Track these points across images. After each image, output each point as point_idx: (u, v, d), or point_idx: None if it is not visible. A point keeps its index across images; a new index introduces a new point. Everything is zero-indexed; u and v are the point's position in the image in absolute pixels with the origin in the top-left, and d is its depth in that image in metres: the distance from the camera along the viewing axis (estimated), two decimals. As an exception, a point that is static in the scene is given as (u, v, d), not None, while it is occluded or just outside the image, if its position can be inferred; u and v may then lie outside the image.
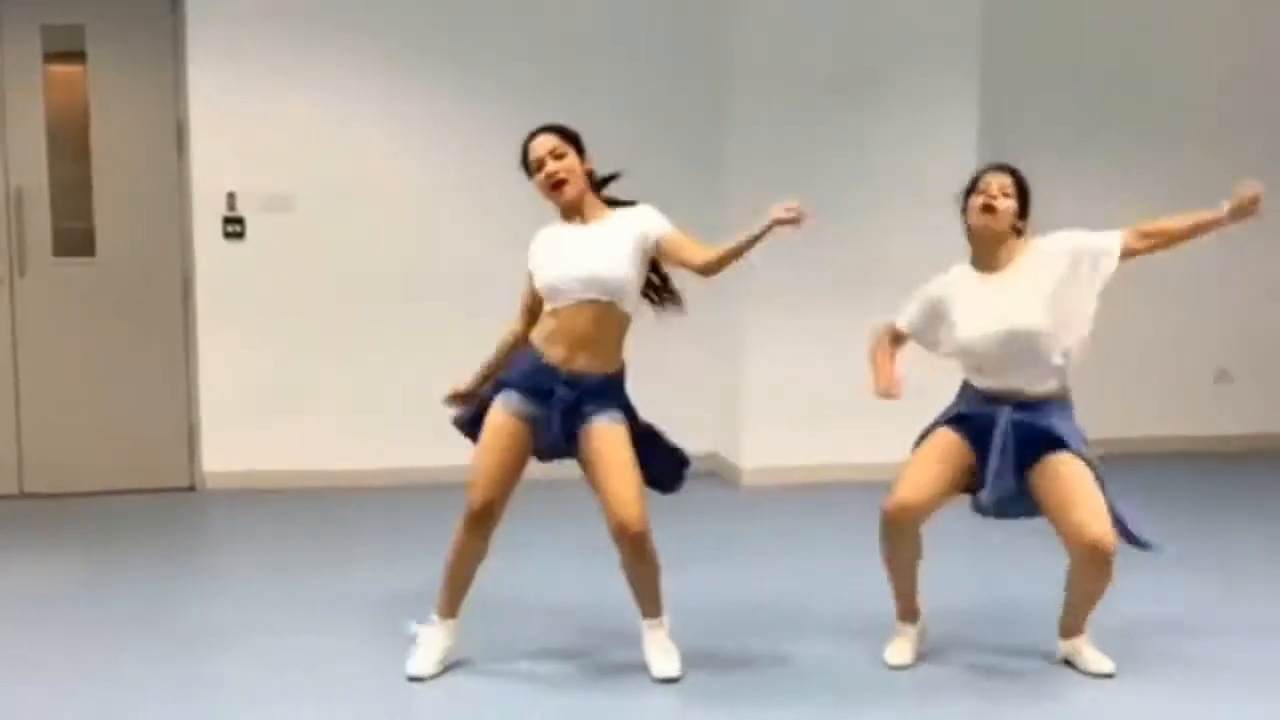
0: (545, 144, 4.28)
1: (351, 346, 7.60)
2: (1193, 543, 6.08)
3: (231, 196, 7.43)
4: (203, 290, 7.48)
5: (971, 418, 4.27)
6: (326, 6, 7.48)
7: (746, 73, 7.48)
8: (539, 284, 4.28)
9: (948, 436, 4.30)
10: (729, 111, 7.61)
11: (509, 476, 4.23)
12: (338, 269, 7.55)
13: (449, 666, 4.35)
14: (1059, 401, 4.22)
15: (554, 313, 4.24)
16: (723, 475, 7.68)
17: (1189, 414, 8.58)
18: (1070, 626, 4.35)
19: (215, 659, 4.65)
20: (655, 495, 4.29)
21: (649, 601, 4.30)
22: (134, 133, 7.39)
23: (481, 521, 4.22)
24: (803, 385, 7.44)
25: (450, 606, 4.36)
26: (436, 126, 7.65)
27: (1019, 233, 4.30)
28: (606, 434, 4.17)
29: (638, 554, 4.17)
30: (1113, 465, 4.22)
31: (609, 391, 4.23)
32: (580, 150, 4.32)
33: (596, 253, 4.20)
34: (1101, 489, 4.09)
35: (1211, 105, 8.52)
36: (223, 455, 7.55)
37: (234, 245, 7.46)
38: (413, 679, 4.27)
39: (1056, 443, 4.12)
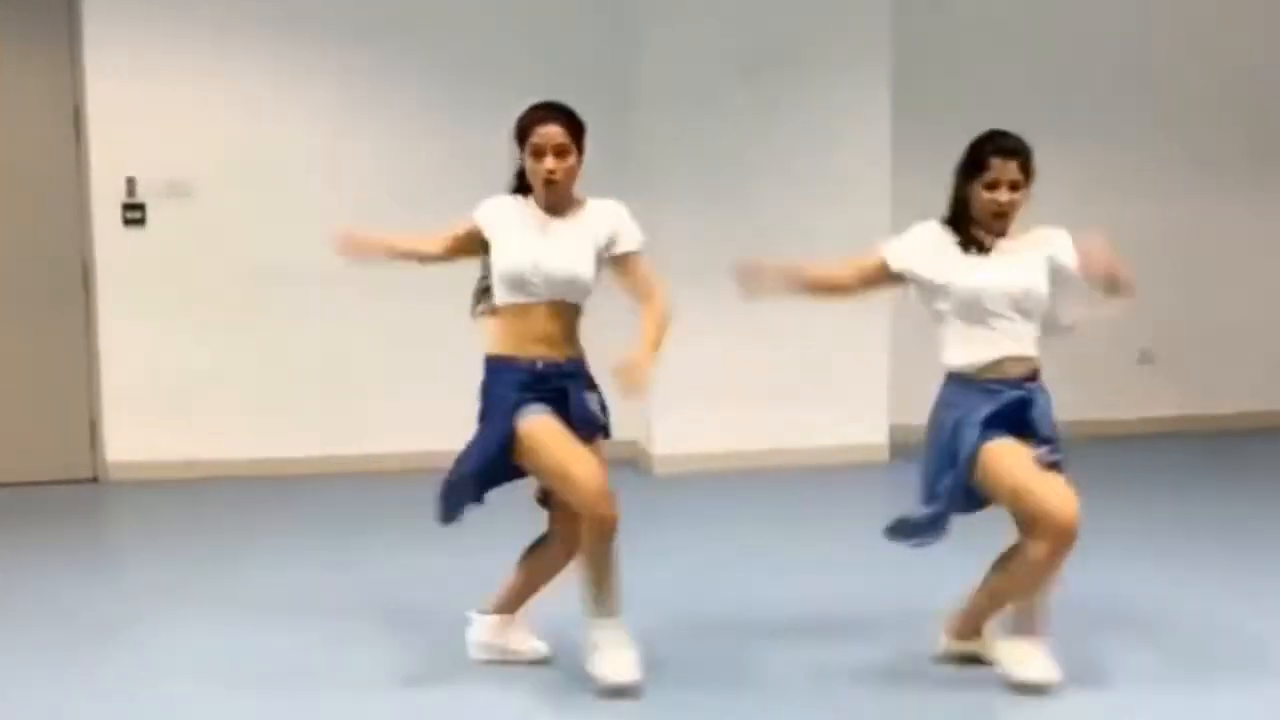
0: (553, 136, 4.03)
1: (256, 333, 7.46)
2: (1120, 523, 6.05)
3: (131, 182, 7.28)
4: (103, 278, 7.32)
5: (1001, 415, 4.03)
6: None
7: (655, 63, 7.39)
8: (500, 267, 4.05)
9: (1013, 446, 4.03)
10: (638, 102, 7.50)
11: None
12: (241, 255, 7.40)
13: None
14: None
15: (517, 311, 4.05)
16: (637, 463, 7.59)
17: (1112, 396, 8.52)
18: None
19: (110, 651, 4.55)
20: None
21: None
22: (30, 118, 7.22)
23: (614, 531, 3.97)
24: (716, 372, 7.37)
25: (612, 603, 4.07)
26: (340, 109, 7.51)
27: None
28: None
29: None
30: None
31: (581, 374, 4.12)
32: (580, 143, 4.11)
33: (572, 253, 4.04)
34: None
35: (1110, 102, 8.44)
36: (126, 445, 7.40)
37: (134, 232, 7.31)
38: (616, 688, 4.00)
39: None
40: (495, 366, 4.09)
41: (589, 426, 4.06)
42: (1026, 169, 4.09)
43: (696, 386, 7.32)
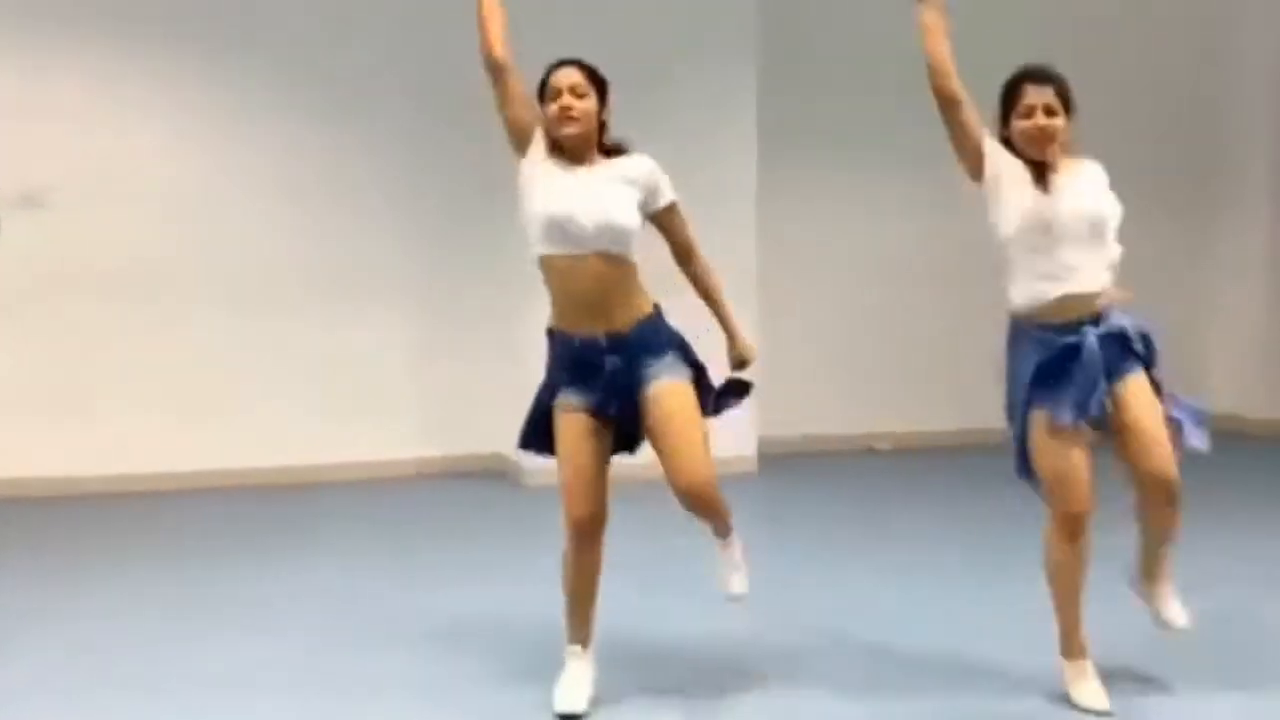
0: (569, 76, 3.95)
1: (116, 345, 7.30)
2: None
3: (-12, 192, 7.09)
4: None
5: (1051, 365, 3.89)
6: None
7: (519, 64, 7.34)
8: (531, 214, 3.91)
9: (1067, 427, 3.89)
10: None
11: (599, 480, 3.93)
12: (98, 266, 7.24)
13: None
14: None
15: (552, 267, 3.89)
16: (506, 475, 7.53)
17: (972, 406, 8.63)
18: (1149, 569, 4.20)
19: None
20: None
21: (722, 526, 4.06)
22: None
23: (587, 535, 3.92)
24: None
25: (581, 632, 4.03)
26: (201, 115, 7.40)
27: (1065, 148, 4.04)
28: (668, 392, 3.88)
29: (710, 510, 3.95)
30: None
31: (656, 337, 3.92)
32: (604, 97, 4.02)
33: (608, 198, 3.86)
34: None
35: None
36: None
37: (-14, 242, 7.11)
38: (564, 717, 3.91)
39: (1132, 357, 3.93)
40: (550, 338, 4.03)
41: (629, 439, 4.02)
42: (1064, 96, 4.01)
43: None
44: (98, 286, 7.25)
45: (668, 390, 3.87)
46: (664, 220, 4.04)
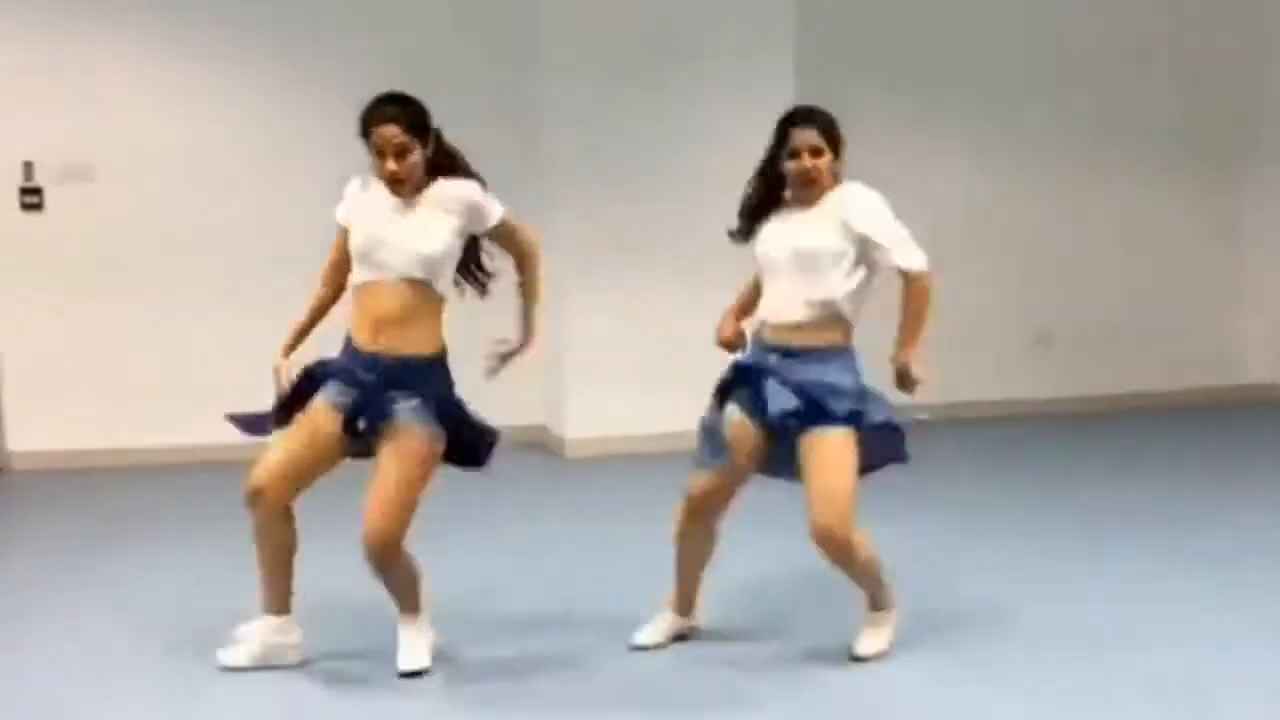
0: (389, 136, 3.97)
1: (158, 320, 7.36)
2: (1015, 504, 6.26)
3: (29, 166, 7.16)
4: (1, 264, 7.19)
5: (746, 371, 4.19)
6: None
7: (556, 38, 7.41)
8: (352, 243, 4.07)
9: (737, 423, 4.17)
10: (539, 81, 7.52)
11: (298, 467, 4.05)
12: (142, 240, 7.31)
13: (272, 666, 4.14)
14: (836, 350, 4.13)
15: (361, 287, 4.05)
16: (548, 446, 7.61)
17: (1009, 377, 8.70)
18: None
19: (16, 643, 4.47)
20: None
21: (407, 600, 4.17)
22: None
23: (253, 504, 4.06)
24: (627, 351, 7.37)
25: (270, 600, 4.16)
26: (243, 90, 7.46)
27: (836, 177, 4.20)
28: (400, 439, 3.97)
29: (385, 565, 4.02)
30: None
31: (417, 376, 4.01)
32: (424, 135, 4.04)
33: (417, 227, 3.99)
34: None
35: (1014, 89, 8.59)
36: (29, 435, 7.29)
37: (33, 217, 7.19)
38: (224, 669, 4.11)
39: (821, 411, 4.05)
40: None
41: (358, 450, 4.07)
42: (830, 134, 4.18)
43: (609, 369, 7.36)
44: (142, 260, 7.32)
45: (402, 433, 3.96)
46: (496, 237, 4.15)
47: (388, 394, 3.97)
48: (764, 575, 5.02)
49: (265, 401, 4.21)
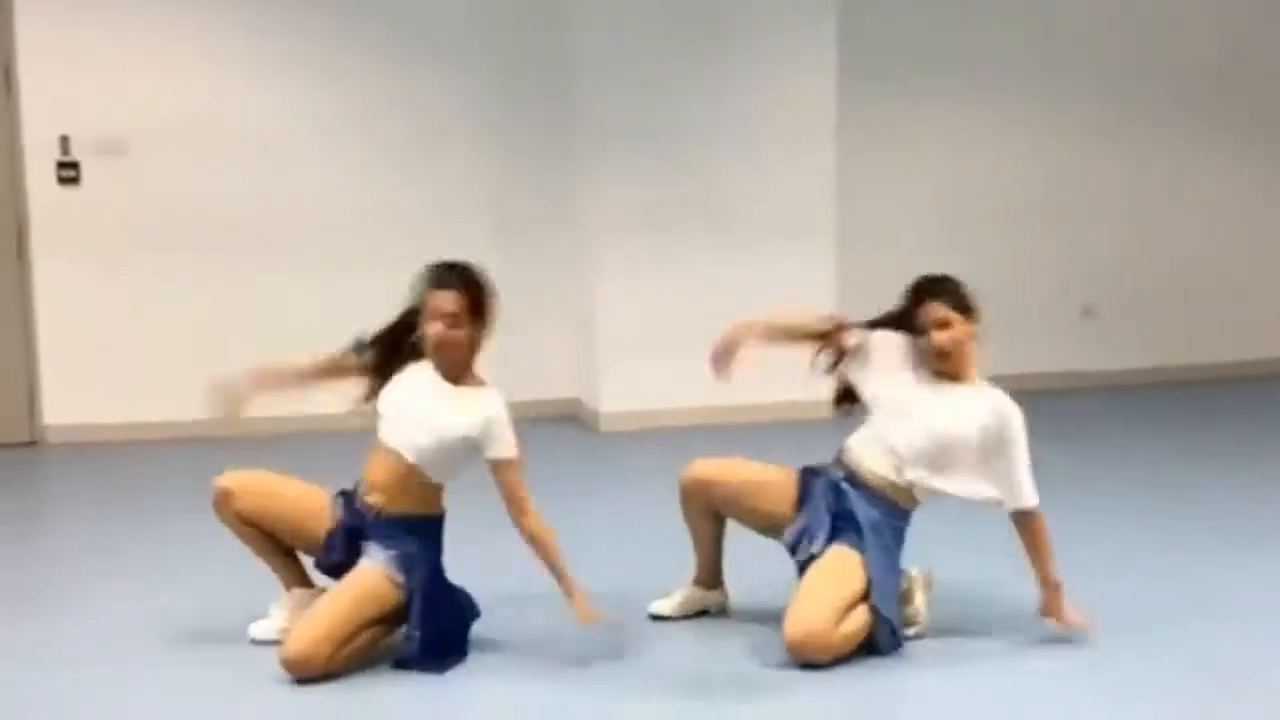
0: (446, 303, 3.96)
1: (194, 294, 7.36)
2: (1068, 474, 6.10)
3: (65, 140, 7.15)
4: (38, 238, 7.20)
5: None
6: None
7: (593, 4, 7.30)
8: (384, 400, 4.08)
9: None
10: (577, 45, 7.42)
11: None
12: (178, 213, 7.29)
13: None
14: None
15: (374, 443, 4.07)
16: (582, 419, 7.56)
17: (1055, 349, 8.56)
18: None
19: (49, 619, 4.47)
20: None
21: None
22: (-41, 75, 7.08)
23: (219, 506, 4.16)
24: (661, 321, 7.30)
25: (284, 579, 4.22)
26: (277, 63, 7.41)
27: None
28: (355, 573, 3.97)
29: (303, 679, 3.90)
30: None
31: (397, 531, 3.99)
32: (481, 311, 4.02)
33: (431, 419, 3.97)
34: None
35: (1053, 57, 8.44)
36: (64, 408, 7.31)
37: (69, 190, 7.19)
38: (254, 642, 4.12)
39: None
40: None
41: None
42: (964, 305, 4.10)
43: (644, 341, 7.30)
44: (177, 234, 7.30)
45: (361, 569, 3.96)
46: (494, 472, 4.02)
47: (366, 538, 4.01)
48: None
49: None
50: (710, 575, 4.36)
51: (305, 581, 4.21)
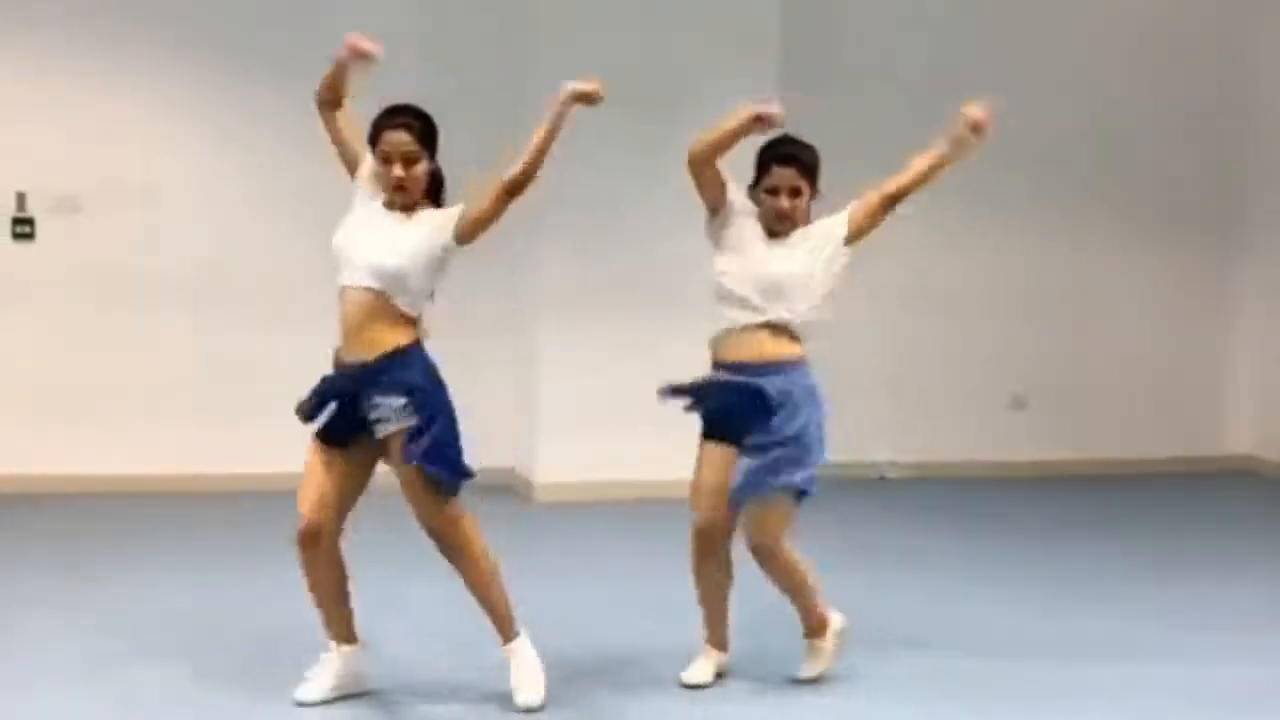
0: (399, 143, 4.08)
1: (141, 348, 7.47)
2: (986, 560, 6.36)
3: (21, 196, 7.27)
4: (-9, 292, 7.31)
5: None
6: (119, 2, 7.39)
7: (539, 82, 7.44)
8: (334, 240, 4.17)
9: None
10: (526, 126, 7.51)
11: (332, 497, 4.13)
12: (125, 270, 7.42)
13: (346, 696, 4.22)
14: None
15: (339, 292, 4.12)
16: (515, 490, 7.64)
17: (984, 438, 8.72)
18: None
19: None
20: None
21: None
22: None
23: (306, 545, 4.12)
24: (601, 395, 7.37)
25: (334, 632, 4.23)
26: (229, 125, 7.59)
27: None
28: (400, 470, 4.09)
29: (451, 553, 4.18)
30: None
31: (391, 368, 4.04)
32: (432, 148, 4.16)
33: (387, 241, 4.06)
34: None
35: (989, 152, 8.54)
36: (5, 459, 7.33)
37: (22, 247, 7.30)
38: (299, 704, 4.15)
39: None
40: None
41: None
42: (808, 170, 4.38)
43: (582, 412, 7.40)
44: (131, 289, 7.44)
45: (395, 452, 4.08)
46: (474, 217, 4.18)
47: (365, 398, 4.05)
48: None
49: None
50: (722, 636, 4.49)
51: (353, 637, 4.24)
